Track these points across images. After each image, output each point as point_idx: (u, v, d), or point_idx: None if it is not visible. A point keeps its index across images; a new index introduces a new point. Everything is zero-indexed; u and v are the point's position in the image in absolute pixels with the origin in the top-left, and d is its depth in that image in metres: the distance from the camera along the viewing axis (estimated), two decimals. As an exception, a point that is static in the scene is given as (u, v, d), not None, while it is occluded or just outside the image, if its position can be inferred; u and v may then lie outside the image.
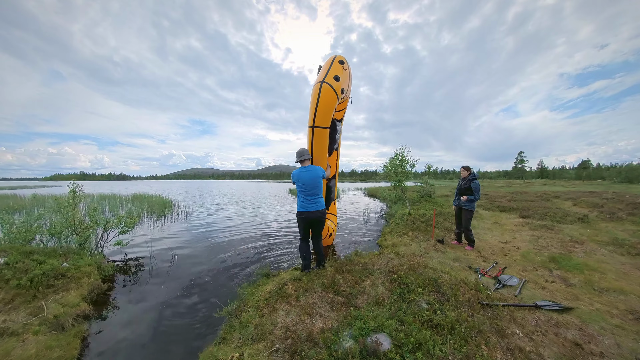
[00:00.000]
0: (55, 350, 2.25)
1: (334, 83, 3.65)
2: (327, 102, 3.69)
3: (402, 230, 6.14)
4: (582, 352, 2.06)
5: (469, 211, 4.62)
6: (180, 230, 7.46)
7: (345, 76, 3.92)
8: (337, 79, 3.71)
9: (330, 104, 3.71)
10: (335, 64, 3.91)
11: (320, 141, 3.93)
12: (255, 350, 2.10)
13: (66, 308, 2.82)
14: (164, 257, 4.98)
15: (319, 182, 3.44)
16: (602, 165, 64.82)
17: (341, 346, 2.03)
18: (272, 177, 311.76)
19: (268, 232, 7.10)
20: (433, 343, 2.00)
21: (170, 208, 11.58)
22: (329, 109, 3.75)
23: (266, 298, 2.92)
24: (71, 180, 5.59)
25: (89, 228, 4.79)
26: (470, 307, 2.59)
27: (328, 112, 3.76)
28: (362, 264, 3.83)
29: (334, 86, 3.63)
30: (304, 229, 3.53)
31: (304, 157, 3.50)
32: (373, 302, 2.76)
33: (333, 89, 3.62)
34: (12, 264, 3.37)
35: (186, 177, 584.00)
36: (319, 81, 3.64)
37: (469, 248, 4.75)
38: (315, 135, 3.88)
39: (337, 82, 3.69)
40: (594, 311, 2.66)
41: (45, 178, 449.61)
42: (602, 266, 3.87)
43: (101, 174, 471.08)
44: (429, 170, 14.37)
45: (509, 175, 59.77)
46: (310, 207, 3.40)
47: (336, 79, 3.70)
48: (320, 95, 3.64)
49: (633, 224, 6.49)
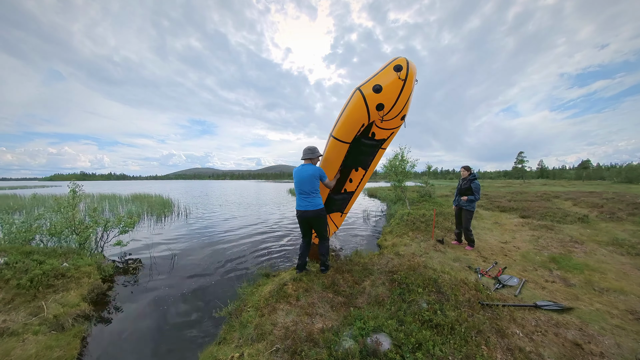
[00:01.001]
0: (55, 350, 2.25)
1: (369, 94, 2.86)
2: (352, 114, 3.07)
3: (402, 230, 6.14)
4: (582, 352, 2.06)
5: (469, 211, 4.62)
6: (180, 230, 7.46)
7: (392, 88, 2.81)
8: (377, 90, 2.81)
9: (355, 118, 3.07)
10: (387, 69, 2.83)
11: (333, 154, 3.50)
12: (255, 350, 2.10)
13: (66, 308, 2.82)
14: (163, 257, 4.98)
15: (313, 182, 3.30)
16: (602, 165, 64.88)
17: (341, 346, 2.03)
18: (272, 177, 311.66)
19: (268, 232, 7.10)
20: (433, 343, 2.00)
21: (170, 208, 11.57)
22: (353, 124, 3.14)
23: (266, 298, 2.92)
24: (71, 180, 5.59)
25: (89, 228, 4.79)
26: (470, 307, 2.58)
27: (350, 126, 3.18)
28: (362, 264, 3.83)
29: (367, 98, 2.87)
30: (302, 228, 3.53)
31: (305, 156, 3.43)
32: (373, 302, 2.76)
33: (364, 102, 2.89)
34: (12, 263, 3.37)
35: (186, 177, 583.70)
36: (357, 86, 2.98)
37: (469, 248, 4.75)
38: (330, 144, 3.49)
39: (376, 94, 2.83)
40: (594, 311, 2.66)
41: (45, 178, 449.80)
42: (602, 266, 3.87)
43: (101, 174, 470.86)
44: (429, 170, 14.38)
45: (509, 175, 59.81)
46: (303, 205, 3.35)
47: (376, 89, 2.82)
48: (349, 104, 3.05)
49: (633, 224, 6.49)
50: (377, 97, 2.85)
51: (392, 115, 3.10)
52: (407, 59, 2.80)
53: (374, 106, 2.91)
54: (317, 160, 3.50)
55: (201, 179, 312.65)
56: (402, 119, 3.29)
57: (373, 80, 2.86)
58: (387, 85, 2.80)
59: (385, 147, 3.81)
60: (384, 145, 3.77)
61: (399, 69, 2.76)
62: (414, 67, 2.85)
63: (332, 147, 3.51)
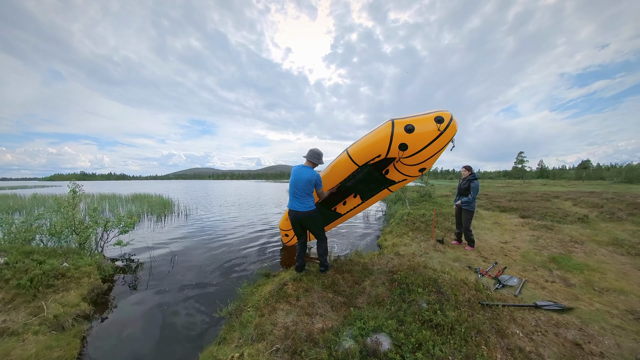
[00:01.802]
0: (55, 350, 2.25)
1: (399, 130, 2.82)
2: (373, 140, 3.02)
3: (402, 230, 6.14)
4: (582, 352, 2.06)
5: (469, 211, 4.61)
6: (180, 230, 7.46)
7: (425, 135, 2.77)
8: (409, 130, 2.77)
9: (375, 144, 3.02)
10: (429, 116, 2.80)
11: (339, 168, 3.44)
12: (255, 350, 2.10)
13: (66, 308, 2.82)
14: (163, 257, 4.98)
15: (308, 186, 3.25)
16: (602, 165, 64.91)
17: (341, 346, 2.03)
18: (272, 177, 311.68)
19: (268, 232, 7.10)
20: (433, 343, 2.00)
21: (170, 208, 11.57)
22: (370, 149, 3.08)
23: (266, 298, 2.92)
24: (71, 180, 5.59)
25: (89, 228, 4.79)
26: (470, 307, 2.58)
27: (366, 150, 3.11)
28: (362, 264, 3.83)
29: (395, 132, 2.82)
30: (295, 229, 3.54)
31: (309, 157, 3.37)
32: (373, 302, 2.76)
33: (391, 134, 2.84)
34: (12, 263, 3.37)
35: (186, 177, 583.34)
36: (392, 118, 2.98)
37: (468, 248, 4.75)
38: (341, 158, 3.43)
39: (406, 133, 2.79)
40: (594, 311, 2.66)
41: (45, 178, 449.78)
42: (602, 266, 3.87)
43: (101, 174, 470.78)
44: (429, 170, 14.39)
45: (509, 175, 59.88)
46: (295, 205, 3.36)
47: (408, 129, 2.78)
48: (376, 129, 3.03)
49: (633, 224, 6.50)
50: (405, 136, 2.80)
51: (412, 162, 3.06)
52: (453, 115, 2.77)
53: (398, 143, 2.86)
54: (317, 166, 3.45)
55: (201, 179, 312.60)
56: (421, 172, 3.24)
57: (410, 120, 2.82)
58: (420, 130, 2.76)
59: (392, 190, 3.72)
60: (392, 187, 3.66)
61: (440, 121, 2.71)
62: (456, 126, 2.80)
63: (341, 162, 3.44)
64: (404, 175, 3.43)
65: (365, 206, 4.14)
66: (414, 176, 3.40)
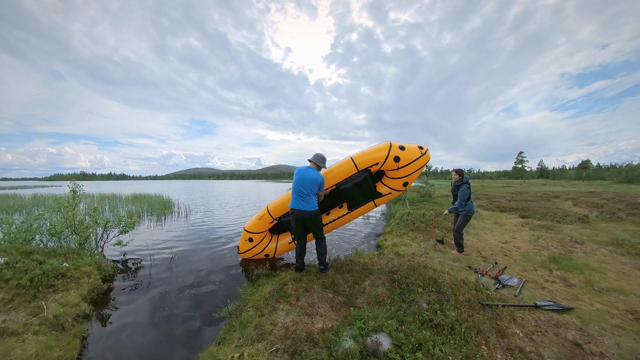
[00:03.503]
0: (55, 350, 2.25)
1: (395, 146, 3.76)
2: (374, 150, 3.82)
3: (402, 230, 6.14)
4: (582, 352, 2.06)
5: (465, 216, 4.33)
6: (180, 230, 7.46)
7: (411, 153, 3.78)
8: (402, 148, 3.74)
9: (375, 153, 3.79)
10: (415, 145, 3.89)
11: (341, 169, 3.92)
12: (255, 350, 2.10)
13: (66, 308, 2.82)
14: (164, 257, 4.98)
15: (314, 186, 3.40)
16: (602, 165, 64.81)
17: (341, 346, 2.03)
18: (272, 177, 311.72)
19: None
20: (433, 343, 2.00)
21: (170, 208, 11.57)
22: (371, 156, 3.81)
23: (266, 298, 2.92)
24: (71, 180, 5.59)
25: (89, 228, 4.79)
26: (470, 307, 2.58)
27: (367, 157, 3.83)
28: (362, 264, 3.83)
29: (392, 147, 3.74)
30: (296, 229, 3.55)
31: (315, 160, 3.56)
32: (373, 302, 2.76)
33: (389, 148, 3.73)
34: (12, 263, 3.36)
35: (186, 177, 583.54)
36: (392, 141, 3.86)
37: (455, 252, 4.52)
38: (344, 161, 3.93)
39: (400, 150, 3.73)
40: (594, 311, 2.66)
41: (45, 178, 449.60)
42: (602, 266, 3.88)
43: (101, 174, 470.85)
44: (429, 171, 14.38)
45: (509, 175, 59.84)
46: (300, 205, 3.41)
47: (401, 147, 3.75)
48: (378, 145, 3.89)
49: (633, 224, 6.49)
50: (399, 151, 3.75)
51: (399, 174, 3.89)
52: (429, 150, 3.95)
53: (394, 155, 3.73)
54: (320, 170, 3.65)
55: (201, 179, 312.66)
56: (404, 186, 4.05)
57: (403, 144, 3.84)
58: (409, 149, 3.80)
59: (377, 203, 4.23)
60: (377, 201, 4.19)
61: (422, 148, 3.89)
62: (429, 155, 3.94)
63: (344, 164, 3.93)
64: (390, 189, 4.11)
65: (349, 218, 4.34)
66: (399, 190, 4.10)
